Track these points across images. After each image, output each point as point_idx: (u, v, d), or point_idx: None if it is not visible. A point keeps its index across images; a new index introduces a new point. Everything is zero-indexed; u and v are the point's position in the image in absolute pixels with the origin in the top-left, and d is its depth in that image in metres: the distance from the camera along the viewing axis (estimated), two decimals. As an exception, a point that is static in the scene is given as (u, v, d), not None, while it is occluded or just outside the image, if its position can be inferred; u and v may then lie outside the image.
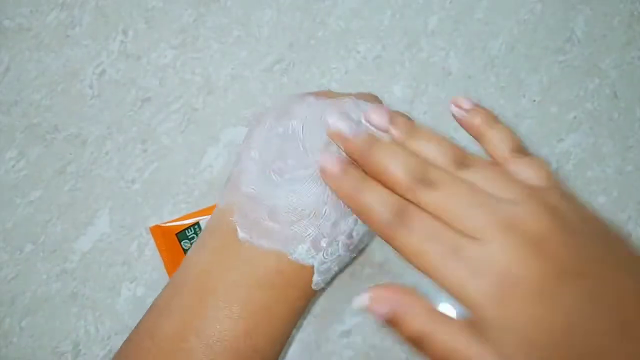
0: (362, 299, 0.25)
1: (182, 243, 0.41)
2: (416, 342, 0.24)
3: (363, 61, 0.46)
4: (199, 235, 0.34)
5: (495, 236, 0.23)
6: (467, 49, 0.46)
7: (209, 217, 0.41)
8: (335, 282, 0.42)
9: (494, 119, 0.29)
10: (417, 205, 0.25)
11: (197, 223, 0.41)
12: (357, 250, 0.34)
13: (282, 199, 0.31)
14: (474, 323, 0.23)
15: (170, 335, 0.29)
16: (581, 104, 0.46)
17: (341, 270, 0.34)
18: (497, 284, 0.22)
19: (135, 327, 0.32)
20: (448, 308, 0.25)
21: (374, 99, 0.36)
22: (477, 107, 0.29)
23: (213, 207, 0.41)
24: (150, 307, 0.32)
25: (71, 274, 0.42)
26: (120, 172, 0.43)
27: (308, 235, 0.31)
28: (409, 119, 0.30)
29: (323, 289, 0.34)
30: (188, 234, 0.41)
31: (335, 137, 0.28)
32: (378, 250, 0.42)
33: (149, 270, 0.42)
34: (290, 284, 0.31)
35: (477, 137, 0.29)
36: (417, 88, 0.45)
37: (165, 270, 0.41)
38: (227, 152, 0.44)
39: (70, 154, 0.43)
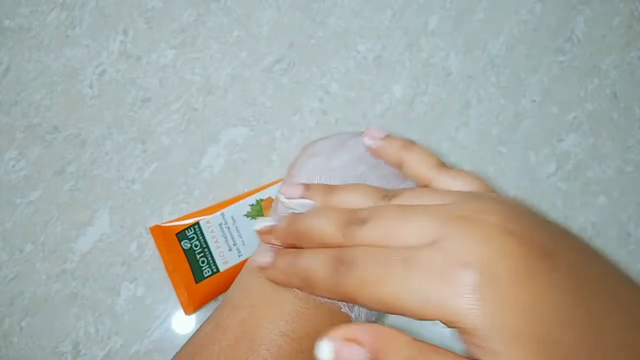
0: (324, 350, 0.19)
1: (182, 243, 0.41)
2: None
3: (363, 61, 0.46)
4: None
5: (449, 232, 0.20)
6: (467, 49, 0.46)
7: (209, 217, 0.41)
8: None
9: (410, 143, 0.27)
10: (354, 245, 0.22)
11: (197, 223, 0.41)
12: None
13: None
14: (467, 340, 0.19)
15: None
16: (581, 104, 0.46)
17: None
18: (475, 280, 0.18)
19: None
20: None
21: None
22: (391, 136, 0.28)
23: (213, 207, 0.41)
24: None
25: (71, 274, 0.41)
26: (120, 172, 0.43)
27: None
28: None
29: None
30: (188, 234, 0.41)
31: (264, 235, 0.27)
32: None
33: (149, 270, 0.42)
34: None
35: (397, 165, 0.27)
36: (417, 88, 0.45)
37: (165, 270, 0.41)
38: (227, 152, 0.44)
39: (70, 154, 0.43)
